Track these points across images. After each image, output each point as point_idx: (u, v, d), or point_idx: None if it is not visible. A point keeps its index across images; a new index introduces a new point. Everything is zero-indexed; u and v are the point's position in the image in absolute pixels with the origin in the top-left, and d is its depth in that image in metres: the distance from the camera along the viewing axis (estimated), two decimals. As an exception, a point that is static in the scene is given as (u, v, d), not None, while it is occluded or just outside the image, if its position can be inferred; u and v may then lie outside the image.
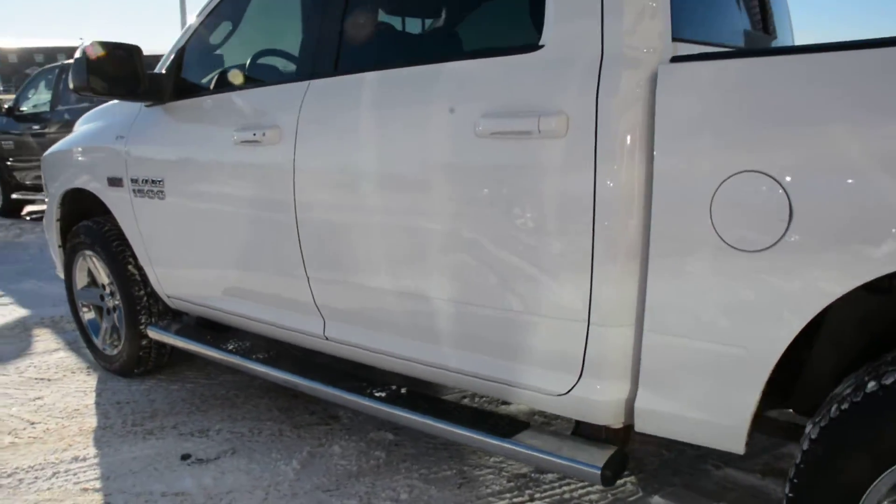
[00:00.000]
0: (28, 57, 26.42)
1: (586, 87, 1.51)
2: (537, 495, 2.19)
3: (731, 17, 2.00)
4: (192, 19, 2.71)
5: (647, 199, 1.47)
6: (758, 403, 1.45)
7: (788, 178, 1.29)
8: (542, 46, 1.62)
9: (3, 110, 7.93)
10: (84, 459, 2.54)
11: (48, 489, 2.34)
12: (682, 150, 1.42)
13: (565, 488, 2.22)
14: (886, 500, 1.30)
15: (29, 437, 2.73)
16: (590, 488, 2.22)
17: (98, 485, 2.36)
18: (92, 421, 2.86)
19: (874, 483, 1.29)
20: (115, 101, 3.04)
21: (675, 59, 1.46)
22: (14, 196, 8.24)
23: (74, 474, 2.44)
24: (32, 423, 2.85)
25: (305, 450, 2.54)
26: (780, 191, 1.30)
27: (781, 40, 2.49)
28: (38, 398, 3.10)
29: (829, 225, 1.27)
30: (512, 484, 2.26)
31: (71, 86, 2.45)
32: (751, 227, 1.34)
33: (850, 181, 1.25)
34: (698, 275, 1.43)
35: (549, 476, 2.28)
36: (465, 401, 2.09)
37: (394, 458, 2.46)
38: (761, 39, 2.18)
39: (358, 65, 2.07)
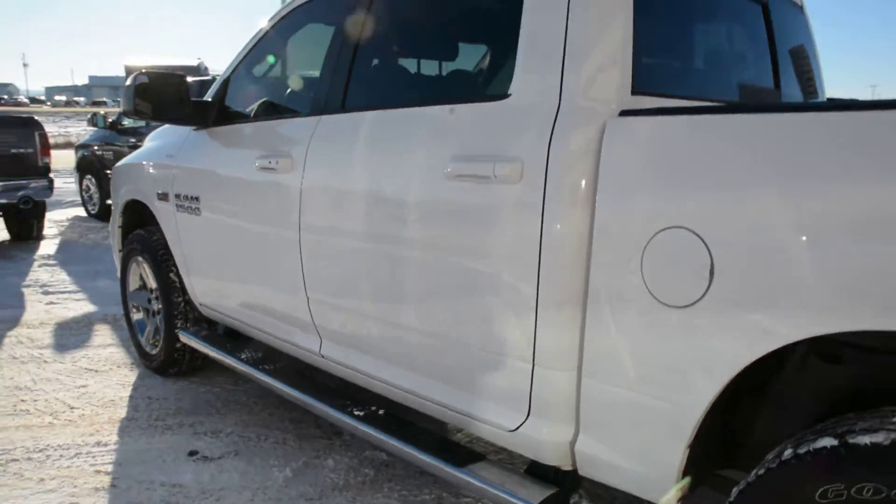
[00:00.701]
0: (149, 74, 28.58)
1: (541, 137, 1.58)
2: (506, 530, 2.22)
3: (717, 71, 2.01)
4: (238, 52, 2.97)
5: (589, 250, 1.52)
6: (685, 459, 1.46)
7: (710, 237, 1.31)
8: (510, 95, 1.71)
9: (108, 124, 8.68)
10: (105, 445, 2.77)
11: (67, 467, 2.59)
12: (620, 203, 1.46)
13: (534, 526, 2.23)
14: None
15: (66, 420, 3.01)
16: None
17: (110, 469, 2.58)
18: (122, 412, 3.11)
19: None
20: (172, 124, 3.34)
21: (624, 114, 1.51)
22: (109, 202, 8.98)
23: (93, 457, 2.67)
24: (72, 408, 3.14)
25: (302, 460, 2.67)
26: (704, 248, 1.32)
27: (797, 94, 2.46)
28: (83, 386, 3.40)
29: (749, 286, 1.28)
30: (485, 515, 2.29)
31: (121, 109, 2.74)
32: (675, 282, 1.37)
33: (768, 243, 1.26)
34: (630, 326, 1.46)
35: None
36: (439, 430, 2.15)
37: (381, 477, 2.55)
38: (760, 94, 2.17)
39: (359, 104, 2.22)
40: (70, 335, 4.20)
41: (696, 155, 1.37)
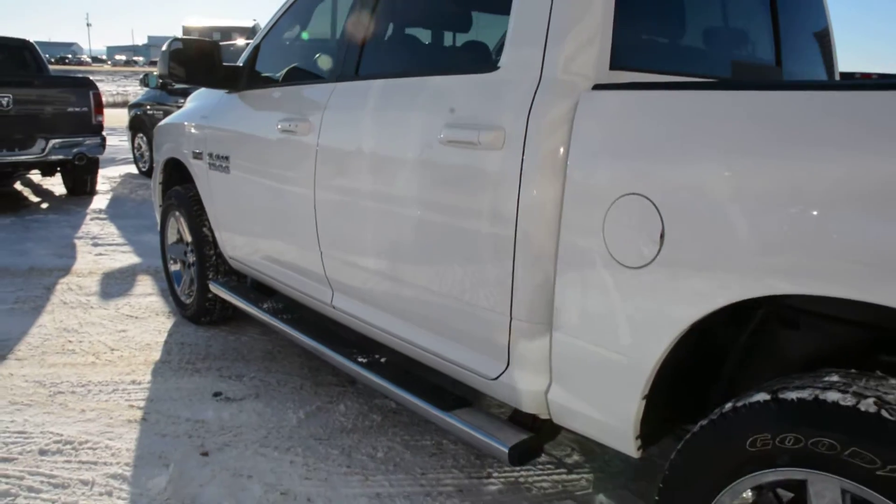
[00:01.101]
0: (207, 35, 29.18)
1: (522, 108, 1.69)
2: (494, 474, 2.38)
3: (702, 47, 2.05)
4: (269, 19, 3.12)
5: (560, 213, 1.63)
6: (642, 410, 1.58)
7: (662, 203, 1.41)
8: (499, 69, 1.81)
9: (159, 84, 8.99)
10: (139, 383, 3.04)
11: (105, 400, 2.86)
12: (587, 171, 1.57)
13: (521, 473, 2.39)
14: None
15: (106, 360, 3.30)
16: (543, 475, 2.38)
17: (142, 404, 2.84)
18: (157, 355, 3.38)
19: (718, 497, 1.39)
20: (208, 86, 3.53)
21: (596, 87, 1.60)
22: (159, 159, 9.35)
23: (128, 393, 2.94)
24: (112, 350, 3.42)
25: (315, 404, 2.88)
26: (656, 214, 1.42)
27: (805, 72, 2.48)
28: (124, 331, 3.69)
29: (696, 249, 1.38)
30: (478, 462, 2.46)
31: (156, 73, 2.93)
32: (631, 245, 1.47)
33: (712, 212, 1.35)
34: (591, 284, 1.58)
35: (525, 472, 2.45)
36: (435, 380, 2.30)
37: (386, 423, 2.74)
38: (753, 70, 2.20)
39: (370, 72, 2.35)
40: (114, 284, 4.51)
41: (652, 128, 1.46)
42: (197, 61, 2.87)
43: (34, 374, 3.11)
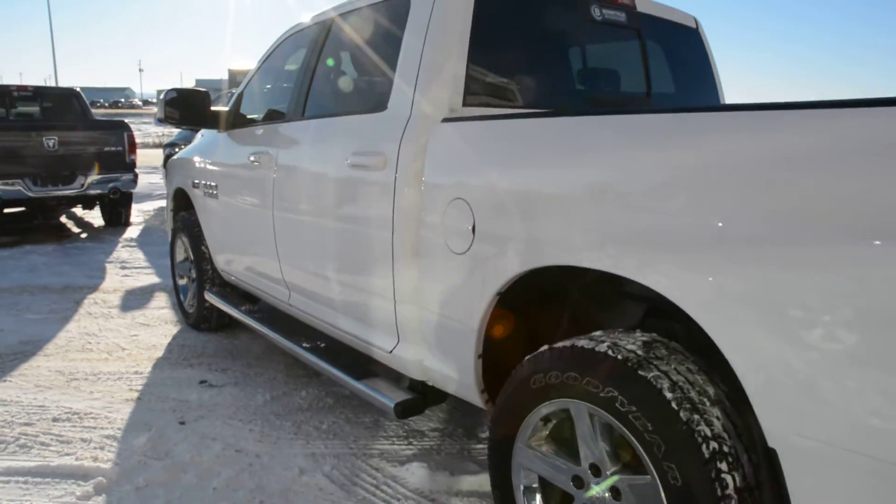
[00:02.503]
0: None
1: (396, 138, 2.24)
2: (414, 442, 2.87)
3: (547, 84, 2.55)
4: (251, 70, 3.77)
5: (419, 216, 2.16)
6: (480, 368, 2.07)
7: (476, 204, 1.94)
8: (387, 108, 2.37)
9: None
10: (141, 374, 3.64)
11: (111, 386, 3.46)
12: (434, 184, 2.10)
13: (435, 441, 2.88)
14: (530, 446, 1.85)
15: (117, 357, 3.91)
16: (453, 443, 2.86)
17: (139, 388, 3.43)
18: (159, 353, 3.99)
19: (516, 442, 1.86)
20: (207, 127, 4.19)
21: (444, 120, 2.15)
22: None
23: (130, 380, 3.54)
24: (124, 349, 4.04)
25: (282, 390, 3.43)
26: (470, 212, 1.95)
27: (683, 100, 2.98)
28: (136, 335, 4.31)
29: (495, 236, 1.90)
30: (403, 434, 2.96)
31: (155, 117, 3.59)
32: (457, 236, 2.00)
33: (506, 208, 1.87)
34: (437, 268, 2.10)
35: (432, 434, 2.95)
36: (361, 358, 2.81)
37: (337, 405, 3.26)
38: (610, 101, 2.72)
39: (311, 114, 2.94)
40: (134, 299, 5.18)
41: (467, 148, 2.00)
42: (188, 107, 3.52)
43: (57, 366, 3.74)
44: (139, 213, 9.28)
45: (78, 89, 8.75)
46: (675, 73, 3.05)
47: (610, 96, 2.76)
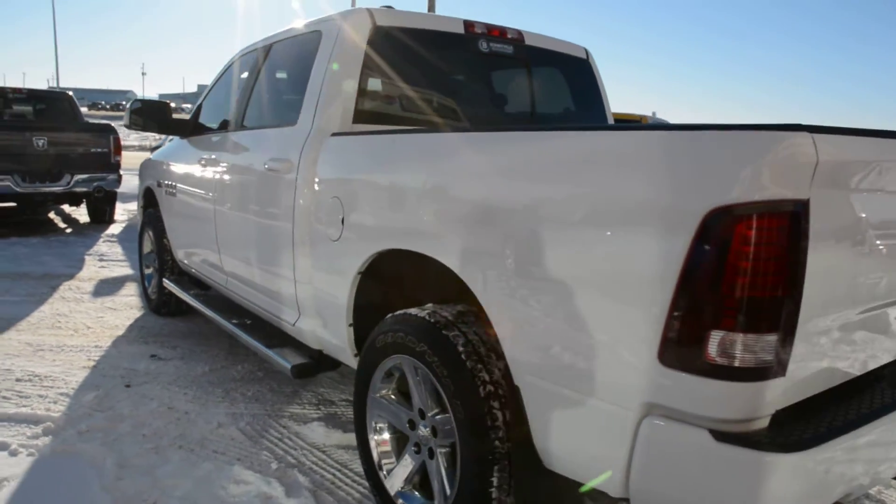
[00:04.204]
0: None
1: (299, 148, 2.76)
2: (321, 408, 3.36)
3: (430, 108, 3.06)
4: (209, 84, 4.29)
5: (311, 211, 2.67)
6: (353, 333, 2.57)
7: (345, 201, 2.45)
8: (297, 124, 2.89)
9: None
10: (100, 347, 4.13)
11: (72, 356, 3.95)
12: (322, 186, 2.62)
13: (339, 409, 3.36)
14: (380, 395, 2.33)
15: (82, 334, 4.41)
16: (351, 412, 3.35)
17: (97, 359, 3.92)
18: (120, 332, 4.48)
19: (369, 394, 2.36)
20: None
21: (334, 135, 2.66)
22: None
23: (89, 353, 4.03)
24: (89, 328, 4.53)
25: (221, 364, 3.92)
26: (341, 208, 2.46)
27: (570, 119, 3.49)
28: (101, 317, 4.81)
29: (356, 226, 2.41)
30: (315, 401, 3.45)
31: (123, 123, 4.11)
32: (332, 227, 2.51)
33: (362, 204, 2.38)
34: (321, 253, 2.61)
35: (340, 403, 3.44)
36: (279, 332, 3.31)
37: (266, 378, 3.75)
38: (487, 123, 3.23)
39: (246, 125, 3.47)
40: (106, 287, 5.68)
41: (342, 156, 2.52)
42: (151, 115, 4.04)
43: (27, 339, 4.23)
44: (124, 211, 9.79)
45: (70, 93, 9.30)
46: (563, 98, 3.57)
47: (492, 118, 3.28)
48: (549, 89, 3.53)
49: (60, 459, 2.74)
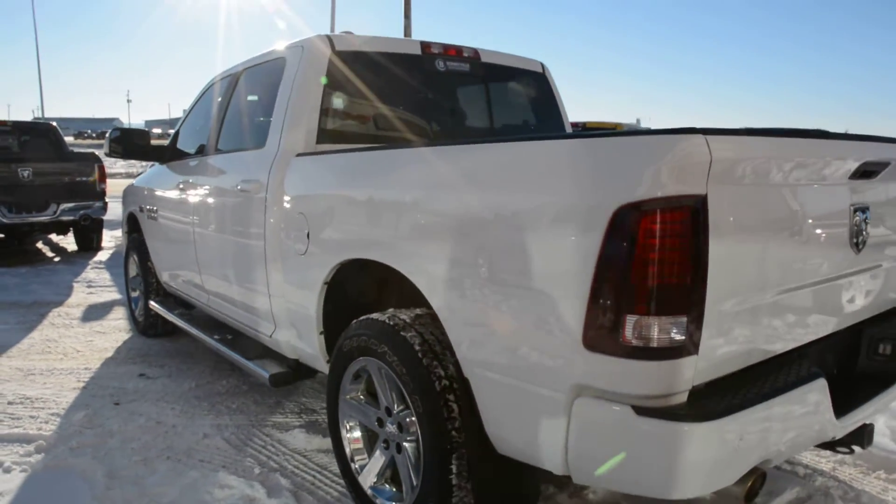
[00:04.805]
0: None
1: (267, 169, 2.92)
2: (304, 416, 3.51)
3: (398, 123, 3.23)
4: (184, 111, 4.46)
5: (280, 228, 2.84)
6: (324, 342, 2.72)
7: (309, 217, 2.62)
8: (266, 146, 3.06)
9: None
10: (89, 370, 4.26)
11: (62, 379, 4.08)
12: (290, 203, 2.78)
13: (317, 417, 3.50)
14: (351, 397, 2.49)
15: (71, 357, 4.54)
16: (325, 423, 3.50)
17: (86, 380, 4.05)
18: (109, 354, 4.61)
19: (339, 396, 2.51)
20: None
21: (298, 155, 2.83)
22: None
23: (79, 375, 4.16)
24: (78, 351, 4.66)
25: (206, 380, 4.06)
26: (306, 223, 2.63)
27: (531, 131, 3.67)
28: (90, 340, 4.94)
29: (321, 240, 2.57)
30: (298, 410, 3.59)
31: (103, 151, 4.27)
32: (299, 242, 2.67)
33: (326, 218, 2.55)
34: (290, 266, 2.77)
35: (321, 411, 3.58)
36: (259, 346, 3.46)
37: (251, 391, 3.89)
38: (449, 137, 3.41)
39: (220, 149, 3.64)
40: (95, 312, 5.81)
41: (304, 175, 2.69)
42: (130, 143, 4.20)
43: (17, 364, 4.36)
44: (111, 238, 9.90)
45: (53, 124, 9.44)
46: (521, 110, 3.76)
47: (452, 132, 3.46)
48: (507, 103, 3.72)
49: (53, 474, 2.87)
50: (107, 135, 4.24)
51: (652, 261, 1.54)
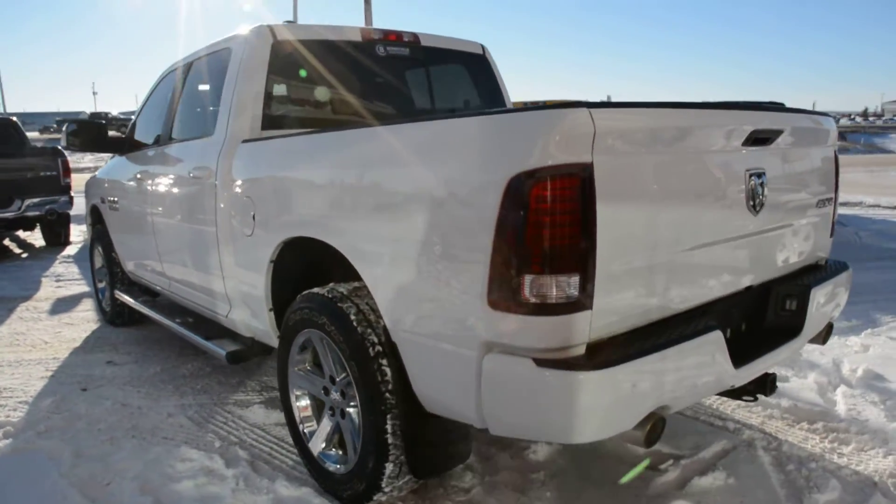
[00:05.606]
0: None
1: (215, 155, 3.05)
2: (265, 394, 3.66)
3: (341, 108, 3.36)
4: (140, 103, 4.54)
5: (229, 211, 2.97)
6: (273, 318, 2.87)
7: (254, 199, 2.76)
8: (214, 134, 3.18)
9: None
10: (57, 359, 4.37)
11: (30, 369, 4.19)
12: (237, 188, 2.92)
13: (274, 395, 3.66)
14: (299, 370, 2.64)
15: (40, 349, 4.64)
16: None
17: (54, 369, 4.17)
18: (77, 344, 4.72)
19: (288, 367, 2.67)
20: (115, 152, 4.95)
21: (245, 141, 2.96)
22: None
23: (47, 364, 4.27)
24: (46, 343, 4.77)
25: (172, 364, 4.19)
26: (252, 205, 2.77)
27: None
28: (59, 332, 5.04)
29: (264, 221, 2.71)
30: (259, 388, 3.74)
31: (61, 144, 4.34)
32: (245, 224, 2.81)
33: (269, 200, 2.69)
34: (238, 248, 2.91)
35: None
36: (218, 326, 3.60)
37: (214, 372, 4.03)
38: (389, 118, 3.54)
39: (173, 138, 3.75)
40: (63, 305, 5.89)
41: (250, 159, 2.83)
42: (86, 135, 4.28)
43: (-15, 357, 4.46)
44: (80, 232, 9.90)
45: (14, 118, 9.38)
46: (462, 91, 3.91)
47: (394, 116, 3.59)
48: (448, 84, 3.86)
49: (21, 456, 3.00)
50: (63, 129, 4.32)
51: (544, 224, 1.70)
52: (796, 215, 2.63)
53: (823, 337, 2.83)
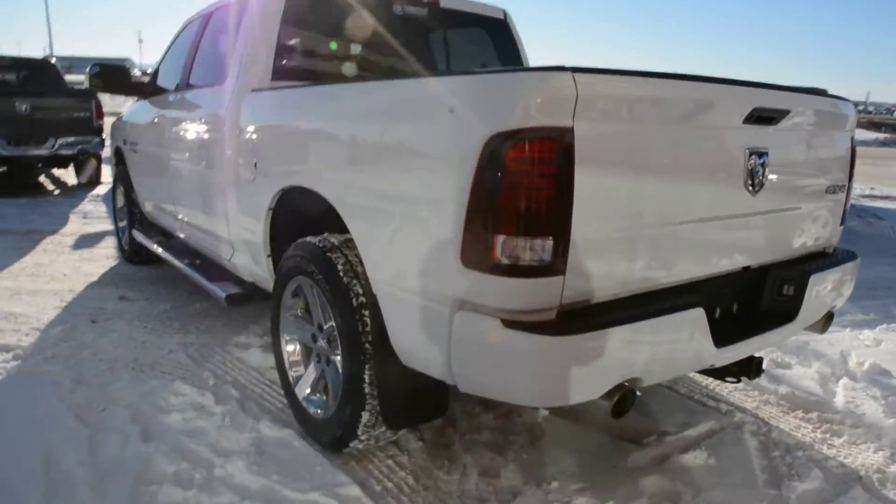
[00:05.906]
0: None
1: (225, 103, 3.09)
2: (266, 337, 3.75)
3: (351, 64, 3.37)
4: (166, 47, 4.60)
5: (237, 159, 3.02)
6: (272, 264, 2.93)
7: (257, 148, 2.80)
8: (225, 82, 3.22)
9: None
10: (73, 291, 4.53)
11: (46, 298, 4.36)
12: (245, 135, 2.96)
13: (282, 336, 3.75)
14: (290, 316, 2.71)
15: (58, 280, 4.81)
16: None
17: (69, 299, 4.33)
18: (94, 279, 4.88)
19: (280, 313, 2.73)
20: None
21: (253, 91, 2.99)
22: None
23: (63, 296, 4.43)
24: (65, 275, 4.94)
25: (182, 303, 4.32)
26: (255, 154, 2.81)
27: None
28: (78, 266, 5.21)
29: (266, 169, 2.76)
30: (261, 332, 3.84)
31: (84, 86, 4.43)
32: (250, 171, 2.86)
33: (272, 148, 2.73)
34: (241, 194, 2.97)
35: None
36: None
37: (221, 314, 4.13)
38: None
39: (190, 84, 3.80)
40: (86, 241, 6.08)
41: (258, 107, 2.87)
42: (109, 78, 4.35)
43: (7, 285, 4.64)
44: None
45: (52, 60, 9.56)
46: (480, 56, 3.87)
47: (405, 76, 3.58)
48: (466, 49, 3.83)
49: (26, 378, 3.15)
50: (87, 71, 4.40)
51: (519, 185, 1.71)
52: (802, 200, 2.56)
53: (822, 326, 2.78)
